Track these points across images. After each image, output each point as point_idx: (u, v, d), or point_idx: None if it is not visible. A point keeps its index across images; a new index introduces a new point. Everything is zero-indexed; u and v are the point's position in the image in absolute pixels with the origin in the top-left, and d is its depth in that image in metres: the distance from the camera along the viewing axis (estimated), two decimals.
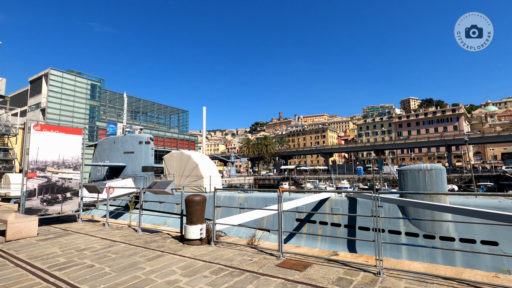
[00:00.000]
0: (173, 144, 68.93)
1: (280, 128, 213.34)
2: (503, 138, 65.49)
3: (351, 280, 4.14)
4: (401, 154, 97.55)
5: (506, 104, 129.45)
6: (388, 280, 4.11)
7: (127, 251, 6.04)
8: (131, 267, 4.95)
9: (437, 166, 9.73)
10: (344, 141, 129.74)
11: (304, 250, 6.00)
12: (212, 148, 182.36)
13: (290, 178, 49.22)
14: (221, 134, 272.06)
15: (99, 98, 60.59)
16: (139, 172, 22.06)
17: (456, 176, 51.56)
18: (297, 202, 10.23)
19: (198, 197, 6.58)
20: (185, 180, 18.29)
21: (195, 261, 5.21)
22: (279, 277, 4.29)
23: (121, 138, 23.70)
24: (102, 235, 7.81)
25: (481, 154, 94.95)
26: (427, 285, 3.89)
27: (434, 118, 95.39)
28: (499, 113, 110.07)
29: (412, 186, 9.94)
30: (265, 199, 13.85)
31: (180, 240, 6.88)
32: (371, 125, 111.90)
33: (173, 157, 19.68)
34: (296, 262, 5.06)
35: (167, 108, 75.70)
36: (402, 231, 9.76)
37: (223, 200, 15.58)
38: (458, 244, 8.68)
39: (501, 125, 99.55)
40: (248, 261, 5.19)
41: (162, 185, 7.54)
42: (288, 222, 12.48)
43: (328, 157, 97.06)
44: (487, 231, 8.37)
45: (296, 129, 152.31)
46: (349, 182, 60.34)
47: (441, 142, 73.08)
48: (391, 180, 53.71)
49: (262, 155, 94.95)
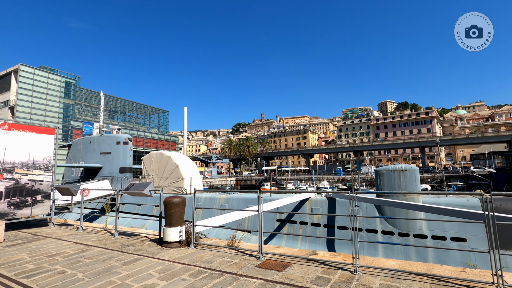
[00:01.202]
0: (153, 144, 67.31)
1: (262, 129, 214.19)
2: (471, 140, 69.44)
3: (329, 278, 4.22)
4: (379, 155, 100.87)
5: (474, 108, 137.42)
6: (364, 277, 4.23)
7: (102, 255, 5.83)
8: (106, 272, 4.77)
9: (411, 167, 10.14)
10: (325, 142, 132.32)
11: (284, 250, 6.05)
12: (194, 149, 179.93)
13: (271, 179, 49.46)
14: (203, 135, 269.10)
15: (74, 96, 58.07)
16: (116, 174, 21.34)
17: (429, 176, 54.03)
18: (278, 203, 10.30)
19: (177, 199, 6.46)
20: (165, 182, 17.91)
21: (173, 264, 5.11)
22: (259, 278, 4.30)
23: (97, 138, 22.83)
24: (75, 239, 7.48)
25: (452, 155, 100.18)
26: (401, 281, 4.04)
27: (409, 121, 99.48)
28: (468, 117, 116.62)
29: (388, 186, 10.30)
30: (246, 200, 13.83)
31: (159, 243, 6.73)
32: (350, 127, 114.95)
33: (152, 158, 19.22)
34: (275, 262, 5.09)
35: (146, 108, 73.83)
36: (379, 230, 10.07)
37: (203, 201, 15.40)
38: (430, 241, 9.08)
39: (469, 128, 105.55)
40: (228, 262, 5.16)
41: (140, 186, 7.34)
42: (269, 222, 12.53)
43: (309, 158, 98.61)
44: (456, 228, 8.81)
45: (278, 130, 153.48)
46: (329, 183, 61.61)
47: (415, 143, 76.29)
48: (369, 180, 55.41)
49: (244, 156, 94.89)
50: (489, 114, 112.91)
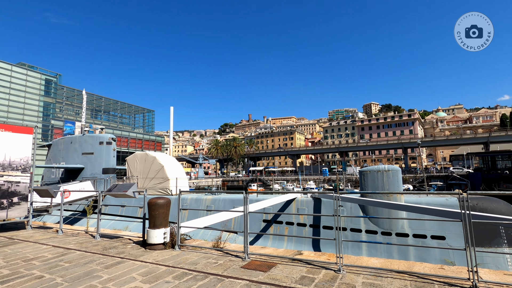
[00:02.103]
0: (137, 144, 65.94)
1: (249, 129, 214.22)
2: (451, 141, 72.12)
3: (313, 278, 4.27)
4: (363, 156, 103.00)
5: (453, 111, 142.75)
6: (347, 276, 4.30)
7: (82, 259, 5.65)
8: (86, 276, 4.63)
9: (394, 167, 10.42)
10: (311, 143, 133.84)
11: (270, 251, 6.07)
12: (180, 149, 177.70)
13: (258, 179, 49.53)
14: (189, 135, 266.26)
15: (55, 94, 56.08)
16: (99, 175, 20.78)
17: (411, 176, 55.62)
18: (265, 203, 10.33)
19: (162, 200, 6.36)
20: (150, 183, 17.59)
21: (157, 267, 5.02)
22: (244, 279, 4.29)
23: (79, 138, 22.15)
24: (54, 242, 7.21)
25: (433, 156, 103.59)
26: (383, 279, 4.13)
27: (392, 122, 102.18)
28: (448, 119, 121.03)
29: (372, 186, 10.54)
30: (232, 200, 13.79)
31: (142, 245, 6.59)
32: (336, 128, 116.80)
33: (136, 158, 18.84)
34: (261, 263, 5.09)
35: (131, 107, 72.27)
36: (363, 229, 10.28)
37: (189, 202, 15.23)
38: (412, 239, 9.35)
39: (449, 130, 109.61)
40: (213, 264, 5.12)
41: (123, 187, 7.18)
42: (255, 223, 12.54)
43: (295, 159, 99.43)
44: (436, 227, 9.11)
45: (265, 131, 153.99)
46: (315, 183, 62.33)
47: (398, 144, 78.45)
48: (354, 181, 56.46)
49: (231, 156, 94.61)
50: (467, 117, 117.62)
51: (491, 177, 44.21)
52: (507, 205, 9.00)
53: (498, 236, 8.28)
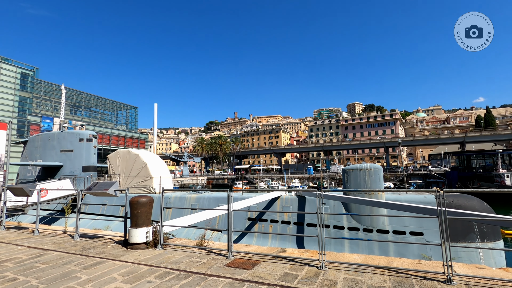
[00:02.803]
0: (120, 142, 64.24)
1: (235, 127, 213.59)
2: (430, 141, 74.85)
3: (296, 275, 4.32)
4: (347, 155, 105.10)
5: (432, 112, 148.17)
6: (329, 272, 4.38)
7: (60, 259, 5.46)
8: (64, 277, 4.48)
9: (375, 166, 10.69)
10: (296, 141, 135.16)
11: (254, 249, 6.09)
12: (164, 147, 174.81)
13: (243, 177, 49.51)
14: (174, 133, 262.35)
15: (32, 89, 53.65)
16: (79, 173, 20.11)
17: (392, 174, 57.33)
18: (249, 201, 10.34)
19: (144, 198, 6.23)
20: (133, 181, 17.21)
21: (139, 266, 4.92)
22: (227, 277, 4.28)
23: (57, 135, 21.32)
24: (30, 243, 6.93)
25: (413, 155, 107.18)
26: (363, 275, 4.24)
27: (375, 122, 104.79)
28: (427, 119, 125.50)
29: (354, 184, 10.77)
30: (217, 199, 13.72)
31: (124, 245, 6.44)
32: (321, 127, 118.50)
33: (119, 156, 18.37)
34: (245, 260, 5.10)
35: (113, 104, 70.24)
36: (345, 226, 10.50)
37: (173, 201, 15.03)
38: (392, 236, 9.64)
39: (428, 130, 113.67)
40: (196, 262, 5.08)
41: (103, 186, 6.98)
42: (240, 221, 12.54)
43: (281, 157, 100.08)
44: (415, 223, 9.43)
45: (250, 129, 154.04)
46: (300, 181, 63.05)
47: (380, 144, 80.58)
48: (338, 179, 57.56)
49: (217, 154, 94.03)
50: (445, 118, 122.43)
51: (466, 175, 46.29)
52: (480, 202, 9.45)
53: (472, 231, 8.67)
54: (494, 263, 8.34)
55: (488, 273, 4.19)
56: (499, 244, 8.77)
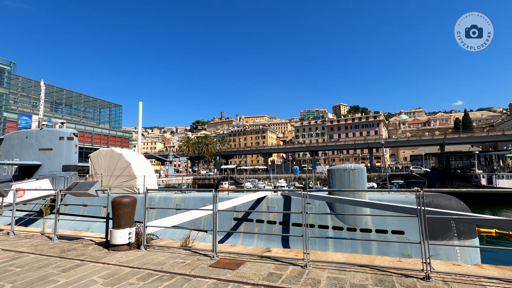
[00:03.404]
0: (103, 141, 62.52)
1: (221, 127, 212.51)
2: (412, 142, 77.12)
3: (280, 274, 4.34)
4: (332, 155, 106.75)
5: (414, 114, 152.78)
6: (313, 271, 4.43)
7: (36, 262, 5.24)
8: (40, 281, 4.31)
9: (359, 166, 10.91)
10: (283, 142, 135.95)
11: (239, 249, 6.07)
12: (149, 146, 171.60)
13: (229, 177, 49.35)
14: (159, 132, 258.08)
15: (8, 84, 51.32)
16: (58, 172, 19.43)
17: (376, 174, 58.70)
18: (235, 201, 10.30)
19: (127, 199, 6.09)
20: (115, 181, 16.79)
21: (120, 268, 4.80)
22: (212, 278, 4.25)
23: (36, 133, 20.51)
24: (4, 246, 6.62)
25: (396, 156, 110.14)
26: (346, 273, 4.31)
27: (359, 123, 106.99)
28: (409, 121, 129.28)
29: (339, 184, 10.95)
30: (203, 199, 13.60)
31: (105, 247, 6.27)
32: (307, 128, 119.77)
33: (101, 155, 17.86)
34: (229, 261, 5.08)
35: (96, 101, 68.24)
36: (330, 226, 10.65)
37: (158, 201, 14.77)
38: (374, 234, 9.86)
39: (410, 132, 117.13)
40: (180, 263, 5.01)
41: (84, 186, 6.76)
42: (226, 221, 12.48)
43: (267, 157, 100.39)
44: (396, 222, 9.69)
45: (237, 129, 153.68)
46: (286, 181, 63.47)
47: (364, 145, 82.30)
48: (323, 179, 58.35)
49: (203, 154, 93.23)
50: (426, 120, 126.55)
51: (445, 176, 48.04)
52: (458, 201, 9.82)
53: (450, 230, 9.00)
54: (470, 260, 8.69)
55: (464, 270, 4.36)
56: (474, 242, 9.15)
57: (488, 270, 4.34)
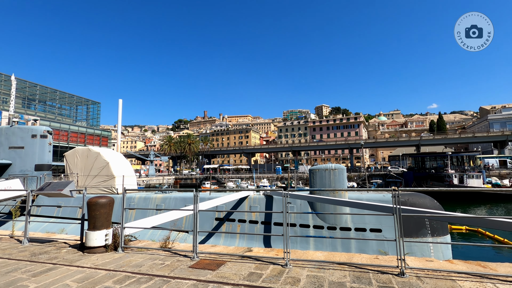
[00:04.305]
0: (80, 139, 60.09)
1: (204, 126, 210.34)
2: (390, 143, 79.81)
3: (261, 274, 4.35)
4: (314, 155, 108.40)
5: (392, 116, 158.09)
6: (293, 270, 4.48)
7: (4, 267, 4.96)
8: (8, 286, 4.07)
9: (339, 166, 11.14)
10: (266, 142, 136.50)
11: (220, 249, 6.03)
12: (129, 145, 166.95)
13: (212, 177, 48.97)
14: (140, 130, 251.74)
15: None
16: (31, 172, 18.50)
17: (356, 174, 60.22)
18: (217, 201, 10.23)
19: (103, 199, 5.88)
20: (92, 181, 16.19)
21: (96, 271, 4.63)
22: (191, 279, 4.19)
23: (5, 130, 19.40)
24: None
25: (375, 156, 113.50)
26: (325, 271, 4.39)
27: (341, 124, 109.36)
28: (388, 123, 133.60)
29: (320, 184, 11.14)
30: (184, 199, 13.40)
31: (80, 249, 6.03)
32: (290, 128, 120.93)
33: (77, 154, 17.17)
34: (210, 261, 5.03)
35: (73, 98, 65.46)
36: (311, 225, 10.81)
37: (137, 201, 14.39)
38: (354, 233, 10.11)
39: (388, 133, 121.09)
40: (159, 265, 4.90)
41: (58, 186, 6.47)
42: (208, 221, 12.36)
43: (250, 157, 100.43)
44: (375, 221, 9.98)
45: (220, 128, 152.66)
46: (269, 181, 63.78)
47: (345, 145, 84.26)
48: (305, 179, 59.15)
49: (185, 153, 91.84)
50: (404, 122, 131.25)
51: (421, 175, 50.05)
52: (432, 200, 10.26)
53: (424, 227, 9.39)
54: (442, 256, 9.11)
55: (436, 265, 4.56)
56: (446, 238, 9.60)
57: (457, 265, 4.56)
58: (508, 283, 3.73)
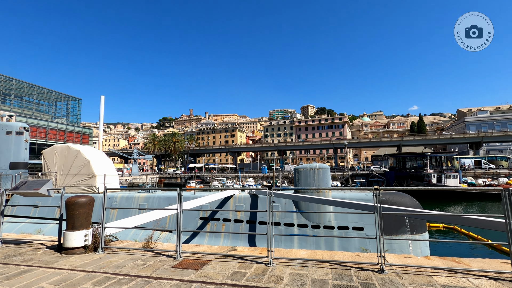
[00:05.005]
0: (59, 136, 57.86)
1: (190, 125, 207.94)
2: (373, 144, 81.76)
3: (244, 272, 4.35)
4: (300, 155, 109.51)
5: (375, 117, 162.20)
6: (277, 268, 4.51)
7: None
8: None
9: (324, 166, 11.31)
10: (252, 141, 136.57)
11: (204, 249, 5.98)
12: (111, 143, 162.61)
13: (197, 176, 48.49)
14: (123, 128, 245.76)
15: None
16: (5, 170, 17.66)
17: (340, 174, 61.32)
18: (202, 201, 10.14)
19: (83, 198, 5.70)
20: (72, 180, 15.66)
21: (74, 273, 4.48)
22: (174, 279, 4.13)
23: None
24: None
25: (358, 156, 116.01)
26: (308, 269, 4.44)
27: (326, 124, 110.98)
28: (371, 124, 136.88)
29: (304, 183, 11.26)
30: (168, 198, 13.20)
31: (58, 250, 5.82)
32: (276, 127, 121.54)
33: (56, 151, 16.55)
34: (193, 261, 4.98)
35: (51, 93, 62.94)
36: (295, 223, 10.92)
37: (119, 201, 14.06)
38: (337, 231, 10.30)
39: (372, 133, 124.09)
40: (141, 265, 4.81)
41: (34, 185, 6.21)
42: (192, 221, 12.24)
43: (236, 156, 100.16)
44: (357, 219, 10.21)
45: (206, 127, 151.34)
46: (255, 180, 63.86)
47: (329, 145, 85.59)
48: (290, 178, 59.64)
49: (170, 152, 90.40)
50: (386, 123, 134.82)
51: (402, 175, 51.60)
52: (411, 199, 10.61)
53: (403, 225, 9.70)
54: (420, 253, 9.44)
55: (414, 262, 4.72)
56: (425, 236, 9.95)
57: (434, 261, 4.74)
58: (480, 277, 3.92)
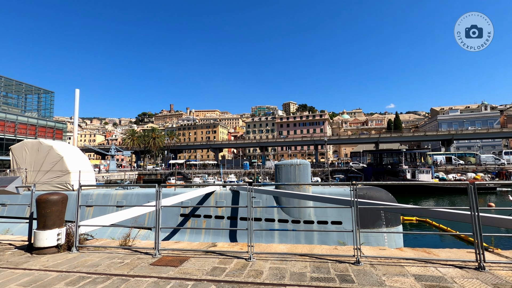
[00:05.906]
0: (29, 131, 54.81)
1: (170, 120, 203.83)
2: (352, 140, 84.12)
3: (224, 268, 4.36)
4: (281, 151, 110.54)
5: (355, 114, 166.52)
6: (257, 263, 4.55)
7: None
8: None
9: (304, 162, 11.49)
10: (234, 137, 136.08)
11: (183, 245, 5.93)
12: (87, 138, 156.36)
13: (177, 172, 47.73)
14: (100, 123, 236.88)
15: None
16: None
17: (320, 170, 62.60)
18: (182, 197, 10.01)
19: (55, 196, 5.46)
20: (44, 176, 14.93)
21: (46, 273, 4.30)
22: (152, 276, 4.07)
23: None
24: None
25: (338, 152, 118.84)
26: (287, 263, 4.52)
27: (307, 121, 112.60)
28: (350, 121, 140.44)
29: (285, 179, 11.40)
30: (147, 195, 12.92)
31: (28, 250, 5.55)
32: (258, 124, 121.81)
33: (26, 147, 15.69)
34: (173, 258, 4.92)
35: (21, 85, 59.36)
36: (276, 219, 11.04)
37: (96, 198, 13.59)
38: (316, 225, 10.53)
39: (351, 130, 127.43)
40: (118, 264, 4.69)
41: (1, 182, 5.86)
42: (172, 218, 12.06)
43: (218, 152, 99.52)
44: (336, 214, 10.48)
45: (187, 122, 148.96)
46: (237, 176, 63.83)
47: (310, 141, 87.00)
48: (272, 174, 60.13)
49: (149, 148, 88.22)
50: (365, 120, 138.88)
51: (379, 171, 53.48)
52: (387, 193, 11.04)
53: (379, 219, 10.07)
54: (394, 244, 9.86)
55: (388, 253, 4.93)
56: (399, 229, 10.40)
57: (406, 252, 4.97)
58: (447, 266, 4.16)
